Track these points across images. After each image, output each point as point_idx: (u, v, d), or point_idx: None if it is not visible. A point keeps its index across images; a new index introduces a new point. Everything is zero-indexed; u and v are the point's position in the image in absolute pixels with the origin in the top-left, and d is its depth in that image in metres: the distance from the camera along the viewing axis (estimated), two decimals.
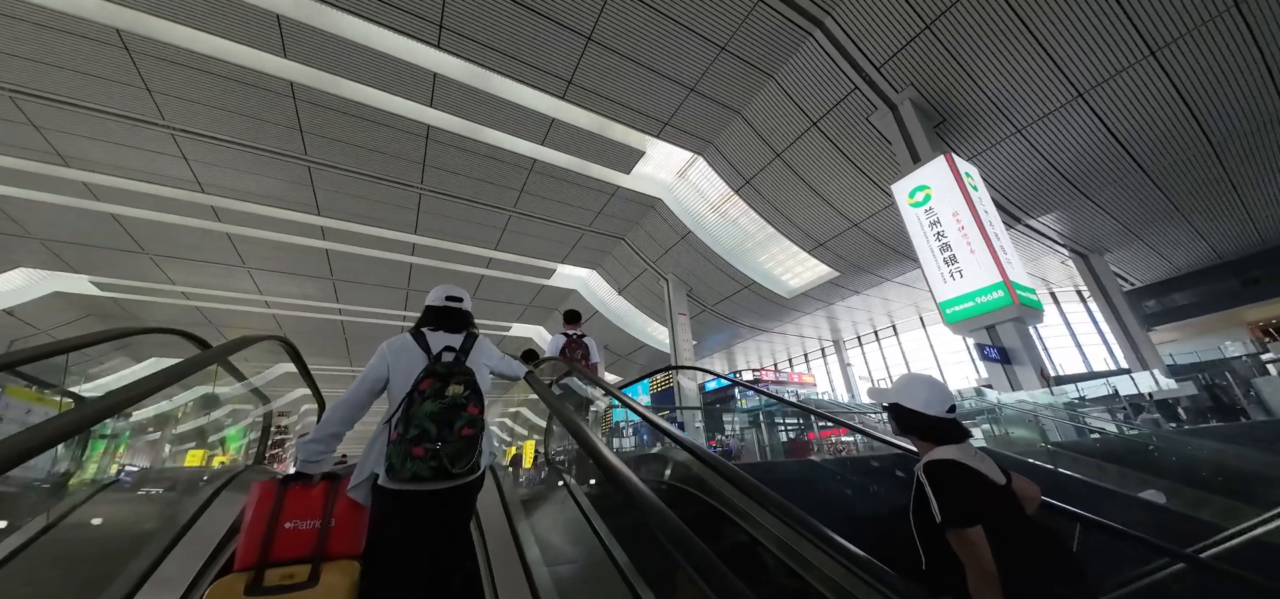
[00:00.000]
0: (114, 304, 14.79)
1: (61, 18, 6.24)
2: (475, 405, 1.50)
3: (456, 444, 1.41)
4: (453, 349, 1.60)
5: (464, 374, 1.51)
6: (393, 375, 1.54)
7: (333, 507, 1.50)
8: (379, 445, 1.48)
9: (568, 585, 1.79)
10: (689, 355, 12.44)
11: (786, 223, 10.66)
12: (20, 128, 8.01)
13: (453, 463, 1.40)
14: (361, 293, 14.54)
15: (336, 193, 9.96)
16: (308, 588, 1.34)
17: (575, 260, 13.50)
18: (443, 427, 1.40)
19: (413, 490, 1.41)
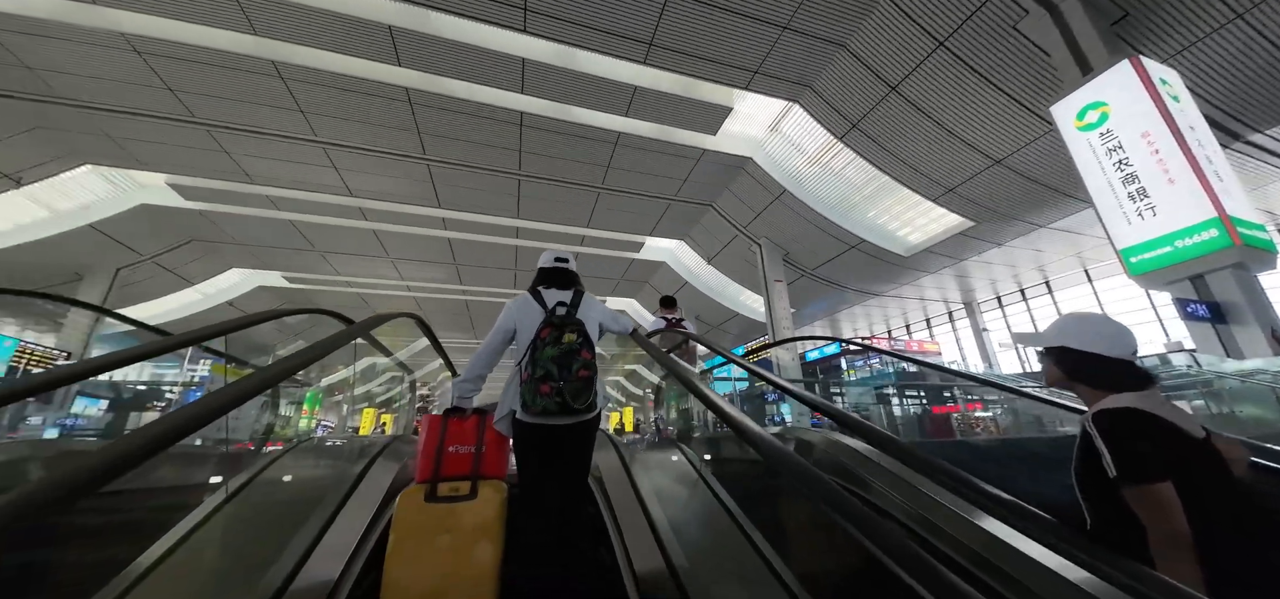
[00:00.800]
0: (301, 293, 17.85)
1: (230, 57, 7.34)
2: (588, 351, 1.67)
3: (575, 384, 1.58)
4: (564, 303, 1.78)
5: (576, 324, 1.70)
6: (519, 327, 1.78)
7: (483, 436, 1.84)
8: (514, 386, 1.72)
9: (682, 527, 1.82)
10: (786, 325, 11.63)
11: (904, 169, 9.20)
12: (218, 156, 9.75)
13: (573, 399, 1.58)
14: (478, 274, 15.84)
15: (451, 187, 10.77)
16: (469, 500, 1.63)
17: (663, 232, 13.25)
18: (563, 368, 1.58)
19: (543, 424, 1.61)
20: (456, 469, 1.75)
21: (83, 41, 7.03)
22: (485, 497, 1.68)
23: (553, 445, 1.69)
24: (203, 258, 14.54)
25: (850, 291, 14.82)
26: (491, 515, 1.65)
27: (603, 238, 13.23)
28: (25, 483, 0.54)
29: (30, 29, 6.79)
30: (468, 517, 1.62)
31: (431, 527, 1.59)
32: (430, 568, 1.52)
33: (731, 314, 16.82)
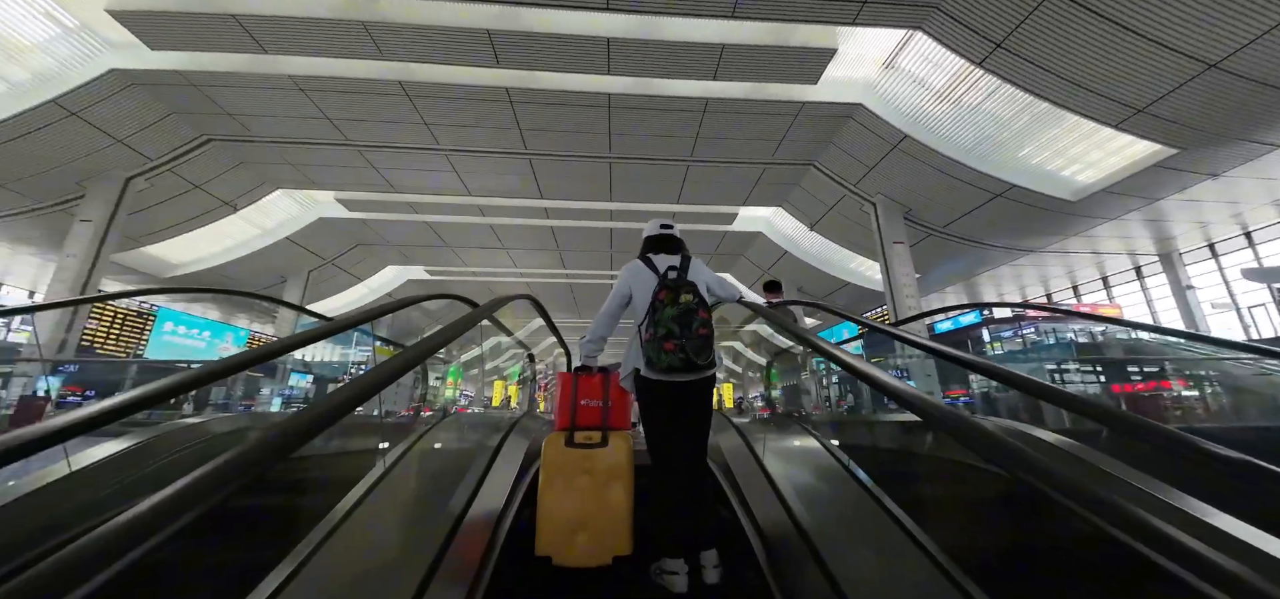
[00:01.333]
0: (439, 283, 20.35)
1: (366, 82, 8.37)
2: (704, 310, 1.72)
3: (696, 340, 1.64)
4: (675, 267, 1.85)
5: (690, 286, 1.76)
6: (634, 291, 1.88)
7: (608, 392, 2.01)
8: (636, 346, 1.81)
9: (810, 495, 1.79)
10: (909, 293, 10.21)
11: (1071, 90, 7.23)
12: (368, 172, 11.33)
13: (696, 355, 1.64)
14: (578, 257, 16.55)
15: (550, 177, 11.27)
16: (601, 447, 1.82)
17: (758, 200, 12.46)
18: (683, 327, 1.64)
19: (668, 380, 1.68)
20: (588, 420, 1.97)
21: (263, 87, 8.57)
22: (614, 445, 1.85)
23: (678, 401, 1.74)
24: (366, 259, 17.27)
25: (994, 249, 12.51)
26: (622, 461, 1.81)
27: (693, 213, 12.88)
28: (257, 434, 0.63)
29: (228, 82, 8.45)
30: (601, 461, 1.80)
31: (572, 467, 1.81)
32: (575, 501, 1.74)
33: (839, 283, 15.41)
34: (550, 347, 32.44)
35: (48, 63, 7.91)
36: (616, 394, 2.01)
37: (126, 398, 0.80)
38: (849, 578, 1.33)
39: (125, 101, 8.69)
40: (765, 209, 13.45)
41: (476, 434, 3.46)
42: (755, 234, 14.48)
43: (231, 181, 11.52)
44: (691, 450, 1.78)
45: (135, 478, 2.23)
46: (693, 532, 1.62)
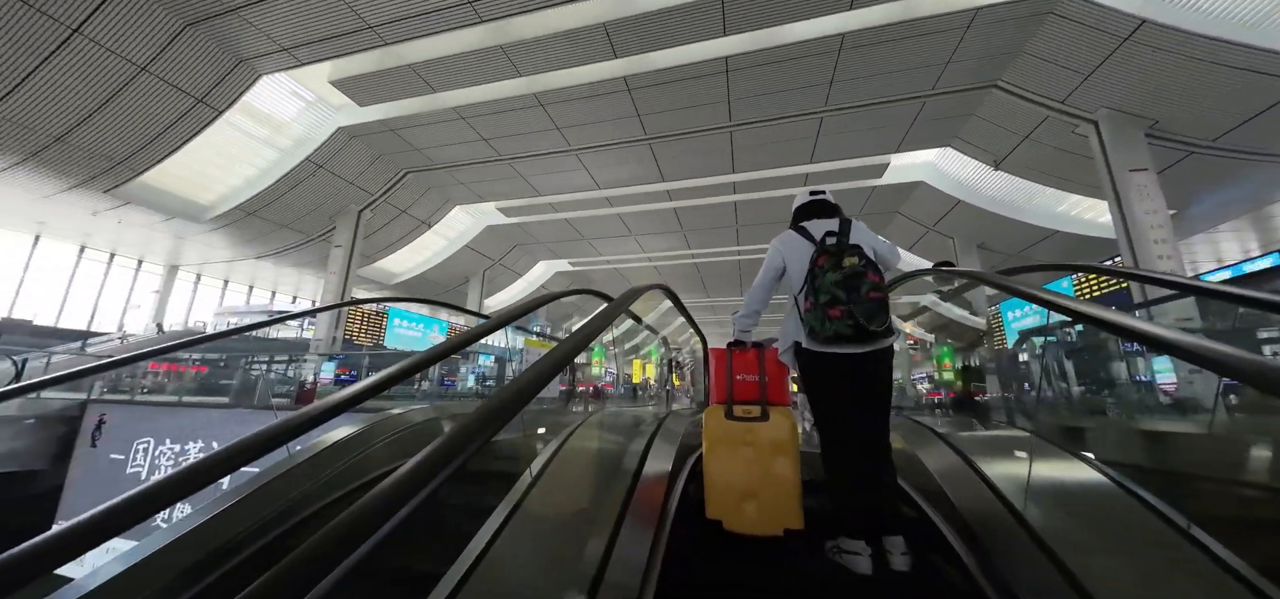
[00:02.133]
0: (581, 273, 22.10)
1: (508, 101, 9.24)
2: (873, 272, 1.50)
3: (867, 305, 1.44)
4: (833, 232, 1.64)
5: (853, 248, 1.56)
6: (787, 263, 1.73)
7: (764, 367, 1.90)
8: (794, 318, 1.67)
9: (1037, 492, 1.48)
10: (1161, 237, 7.41)
11: None
12: (517, 181, 12.66)
13: (869, 321, 1.44)
14: (703, 237, 16.19)
15: (670, 159, 11.14)
16: (762, 421, 1.72)
17: (916, 143, 10.44)
18: (850, 291, 1.46)
19: (836, 352, 1.49)
20: (745, 395, 1.88)
21: (436, 121, 10.11)
22: (776, 420, 1.76)
23: (849, 374, 1.54)
24: (523, 257, 19.60)
25: None
26: (786, 435, 1.73)
27: (831, 171, 11.44)
28: (480, 406, 0.73)
29: (412, 123, 10.18)
30: (764, 434, 1.73)
31: (734, 439, 1.76)
32: (740, 470, 1.71)
33: (1040, 234, 12.20)
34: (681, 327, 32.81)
35: (299, 130, 10.60)
36: (773, 368, 1.89)
37: (383, 376, 1.09)
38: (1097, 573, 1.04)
39: (350, 152, 11.18)
40: (926, 153, 11.24)
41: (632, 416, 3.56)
42: (913, 184, 12.18)
43: (424, 204, 14.03)
44: (872, 427, 1.56)
45: (367, 451, 2.71)
46: (875, 513, 1.45)
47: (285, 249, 14.64)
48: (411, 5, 7.17)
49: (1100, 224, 11.11)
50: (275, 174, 11.22)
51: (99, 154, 9.19)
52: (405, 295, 20.47)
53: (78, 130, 8.55)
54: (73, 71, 7.50)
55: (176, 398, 4.06)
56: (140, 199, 10.92)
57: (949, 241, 13.81)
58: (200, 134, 9.46)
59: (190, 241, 14.30)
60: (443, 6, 7.19)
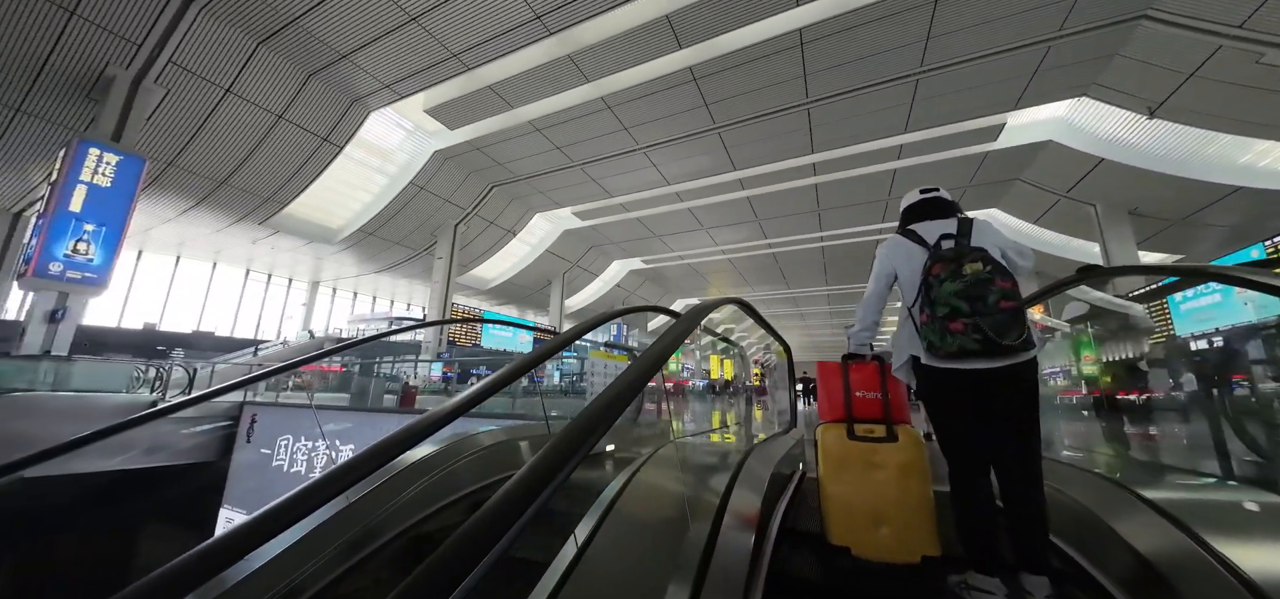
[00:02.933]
0: (654, 272, 22.03)
1: (579, 108, 9.32)
2: (1002, 278, 1.27)
3: (996, 317, 1.23)
4: (949, 235, 1.41)
5: (976, 252, 1.32)
6: (898, 271, 1.52)
7: (886, 383, 1.68)
8: (908, 330, 1.47)
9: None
10: None
11: None
12: (590, 185, 12.81)
13: (1000, 334, 1.22)
14: (780, 225, 15.17)
15: (742, 146, 10.51)
16: (889, 442, 1.54)
17: (1039, 96, 8.72)
18: (974, 302, 1.25)
19: (961, 368, 1.28)
20: (866, 412, 1.68)
21: (515, 136, 10.53)
22: (905, 440, 1.59)
23: (977, 393, 1.29)
24: (598, 258, 19.99)
25: None
26: (917, 456, 1.55)
27: (931, 140, 10.01)
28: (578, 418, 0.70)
29: (494, 140, 10.69)
30: (892, 456, 1.56)
31: (857, 459, 1.59)
32: (868, 494, 1.55)
33: (1218, 191, 9.69)
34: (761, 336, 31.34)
35: (403, 157, 11.67)
36: (894, 385, 1.67)
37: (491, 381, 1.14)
38: None
39: (445, 173, 12.09)
40: (1054, 107, 9.38)
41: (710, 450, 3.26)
42: (1039, 146, 10.20)
43: (510, 214, 14.82)
44: (1010, 454, 1.27)
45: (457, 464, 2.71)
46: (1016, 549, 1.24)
47: (398, 263, 16.35)
48: (487, 29, 7.46)
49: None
50: (386, 198, 12.50)
51: (253, 192, 10.89)
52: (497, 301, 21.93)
53: (236, 174, 10.19)
54: (229, 124, 8.92)
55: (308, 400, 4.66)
56: (286, 228, 12.80)
57: (1089, 209, 11.40)
58: (327, 169, 10.81)
59: (327, 261, 16.55)
60: (514, 26, 7.39)
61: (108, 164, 7.83)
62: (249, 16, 7.24)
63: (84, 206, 7.71)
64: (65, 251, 7.55)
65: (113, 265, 8.05)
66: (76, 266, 7.69)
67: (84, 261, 7.75)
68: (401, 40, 7.71)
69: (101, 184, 7.83)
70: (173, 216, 11.67)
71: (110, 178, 7.87)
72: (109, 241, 7.97)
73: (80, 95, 7.75)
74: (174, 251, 15.52)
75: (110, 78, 7.68)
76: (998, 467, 1.30)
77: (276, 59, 8.14)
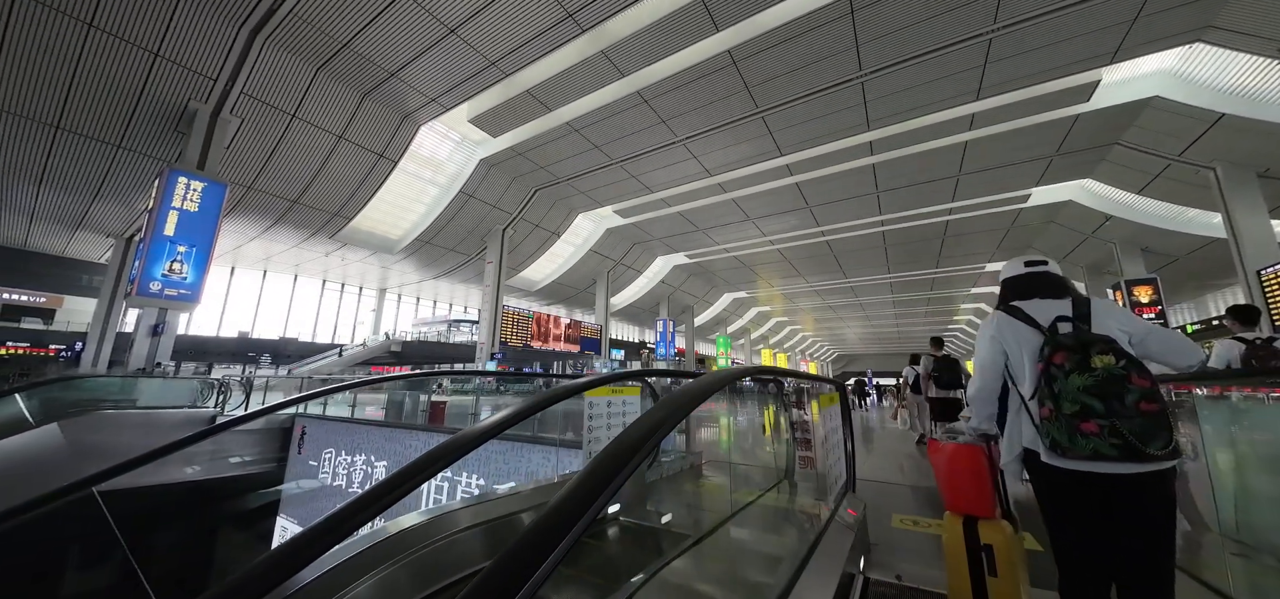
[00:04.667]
0: (697, 266, 21.52)
1: (614, 104, 9.11)
2: (1139, 375, 1.07)
3: (1138, 420, 1.04)
4: (1066, 317, 1.23)
5: (1104, 341, 1.13)
6: (1010, 354, 1.33)
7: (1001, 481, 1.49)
8: (1022, 421, 1.27)
9: None
10: None
11: None
12: (630, 183, 12.61)
13: (1144, 442, 1.02)
14: (835, 211, 14.16)
15: (788, 127, 9.83)
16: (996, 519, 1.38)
17: (1140, 45, 7.37)
18: (1109, 401, 1.06)
19: (1093, 472, 1.09)
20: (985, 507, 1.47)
21: (554, 139, 10.53)
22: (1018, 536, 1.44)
23: (1106, 500, 1.11)
24: (642, 255, 19.81)
25: None
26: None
27: (1006, 106, 8.83)
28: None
29: (535, 144, 10.76)
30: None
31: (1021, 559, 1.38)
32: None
33: None
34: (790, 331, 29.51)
35: (452, 168, 12.07)
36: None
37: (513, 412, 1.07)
38: None
39: (491, 180, 12.39)
40: (1159, 58, 7.97)
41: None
42: (1141, 103, 8.68)
43: (553, 217, 14.99)
44: (1145, 571, 1.07)
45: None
46: None
47: (453, 269, 17.10)
48: (521, 34, 7.43)
49: None
50: (438, 208, 13.03)
51: (322, 209, 11.73)
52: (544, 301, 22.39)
53: (307, 193, 11.00)
54: (297, 147, 9.60)
55: (349, 414, 4.85)
56: (353, 240, 13.72)
57: (1208, 173, 9.58)
58: (385, 183, 11.42)
59: (391, 270, 17.65)
60: (547, 27, 7.30)
61: (194, 190, 8.67)
62: (306, 44, 7.69)
63: (176, 230, 8.59)
64: (162, 271, 8.43)
65: (203, 282, 8.90)
66: (172, 285, 8.58)
67: (178, 280, 8.62)
68: (443, 53, 7.88)
69: (190, 209, 8.69)
70: (256, 235, 12.87)
71: (197, 203, 8.71)
72: (199, 261, 8.83)
73: (169, 129, 8.62)
74: (261, 266, 17.20)
75: (193, 111, 8.49)
76: (1121, 585, 1.12)
77: (333, 83, 8.62)
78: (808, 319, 35.23)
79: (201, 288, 8.79)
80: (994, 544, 1.36)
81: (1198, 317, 20.81)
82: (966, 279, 22.13)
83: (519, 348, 19.23)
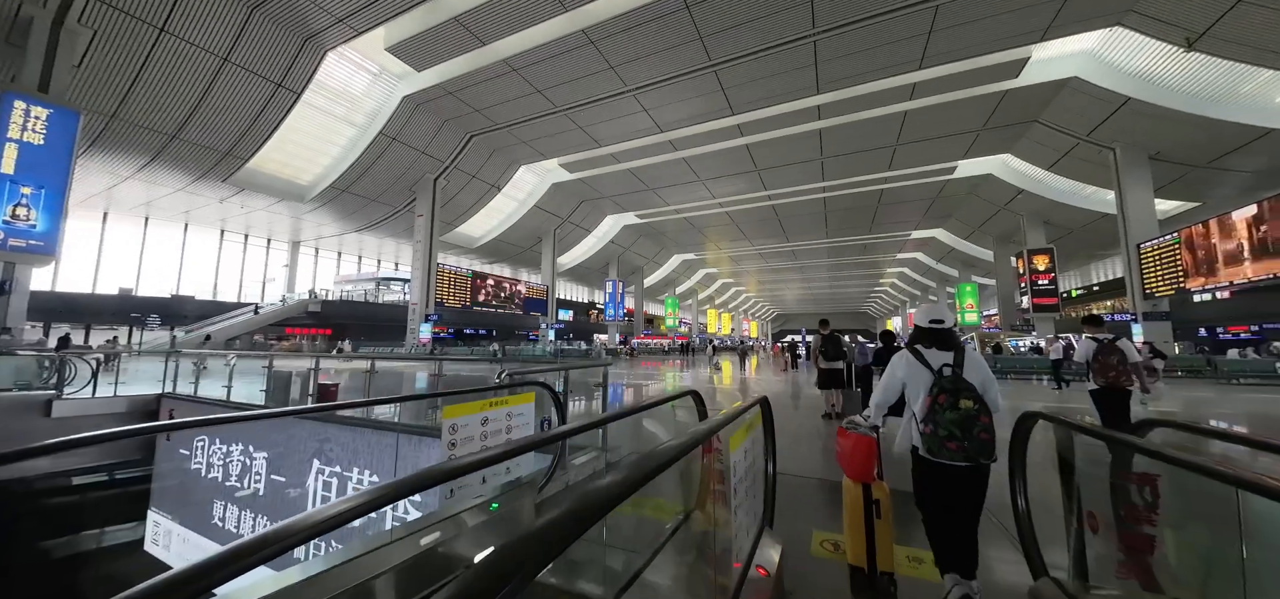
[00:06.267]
0: (648, 226, 21.37)
1: (557, 43, 8.42)
2: (986, 415, 1.73)
3: (979, 443, 1.71)
4: (949, 364, 1.83)
5: (969, 388, 1.77)
6: (907, 382, 1.93)
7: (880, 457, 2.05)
8: (913, 428, 1.88)
9: None
10: None
11: None
12: (576, 133, 11.98)
13: (980, 456, 1.73)
14: (782, 175, 14.43)
15: (740, 85, 9.66)
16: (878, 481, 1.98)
17: (1069, 25, 7.85)
18: (966, 431, 1.71)
19: (945, 465, 1.78)
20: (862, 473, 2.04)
21: (489, 78, 9.64)
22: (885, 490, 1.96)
23: (953, 482, 1.79)
24: (591, 213, 19.26)
25: None
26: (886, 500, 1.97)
27: (947, 75, 9.18)
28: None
29: (467, 83, 9.81)
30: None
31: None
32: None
33: (1249, 134, 9.04)
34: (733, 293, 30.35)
35: (370, 104, 10.80)
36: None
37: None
38: None
39: (417, 122, 11.24)
40: (1082, 39, 8.55)
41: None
42: (1061, 83, 9.37)
43: (492, 168, 14.02)
44: (967, 518, 1.80)
45: None
46: (966, 567, 1.78)
47: (378, 221, 15.69)
48: None
49: None
50: (356, 150, 11.71)
51: (208, 147, 10.12)
52: (486, 260, 21.36)
53: (188, 126, 9.39)
54: (169, 69, 8.06)
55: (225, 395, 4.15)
56: (252, 184, 12.08)
57: (1108, 154, 10.72)
58: (287, 118, 9.98)
59: (305, 221, 15.87)
60: None
61: (37, 119, 7.12)
62: None
63: (17, 168, 7.07)
64: (3, 217, 6.99)
65: (60, 230, 7.50)
66: (18, 234, 7.15)
67: (26, 228, 7.19)
68: None
69: (33, 142, 7.16)
70: (129, 175, 10.94)
71: (42, 134, 7.19)
72: (51, 204, 7.38)
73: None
74: (141, 212, 14.82)
75: (27, 18, 6.85)
76: (953, 518, 1.81)
77: None
78: (752, 281, 36.56)
79: (58, 237, 7.39)
80: (880, 499, 1.93)
81: (1081, 283, 23.92)
82: (895, 245, 23.78)
83: (458, 309, 18.28)
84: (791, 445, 3.49)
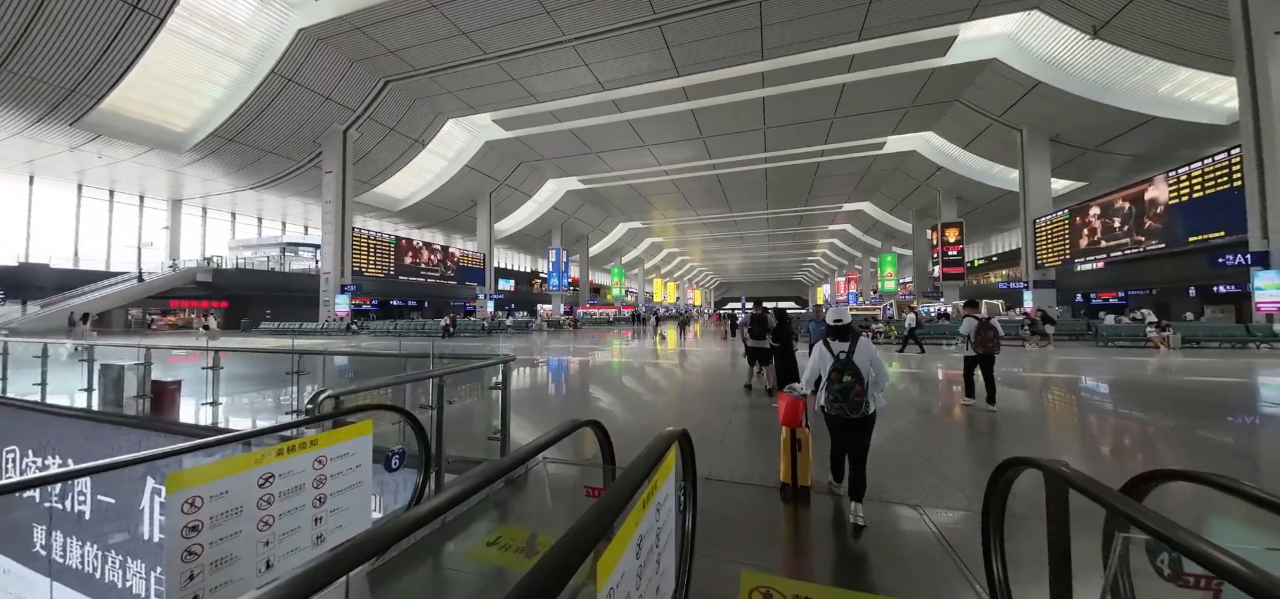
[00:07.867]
0: (592, 192, 20.76)
1: None
2: (859, 385, 2.46)
3: (851, 402, 2.46)
4: (844, 352, 2.55)
5: (853, 369, 2.48)
6: (819, 363, 2.58)
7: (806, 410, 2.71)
8: (822, 393, 2.56)
9: None
10: None
11: None
12: (510, 85, 11.10)
13: (852, 411, 2.46)
14: (726, 144, 14.45)
15: (685, 43, 9.33)
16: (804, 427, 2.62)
17: (994, 4, 8.28)
18: (844, 397, 2.47)
19: (840, 417, 2.51)
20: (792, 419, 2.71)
21: (403, 14, 8.56)
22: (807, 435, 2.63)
23: (845, 427, 2.53)
24: (530, 176, 18.29)
25: None
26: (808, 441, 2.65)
27: (882, 51, 9.42)
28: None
29: (378, 17, 8.64)
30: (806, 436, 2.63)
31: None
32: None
33: (1134, 120, 10.13)
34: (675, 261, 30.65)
35: (257, 37, 9.24)
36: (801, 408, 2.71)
37: None
38: None
39: (317, 59, 9.78)
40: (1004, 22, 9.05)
41: None
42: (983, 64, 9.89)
43: (413, 119, 12.73)
44: (856, 451, 2.47)
45: None
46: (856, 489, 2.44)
47: (280, 177, 13.86)
48: None
49: (1212, 108, 9.23)
50: (243, 92, 10.08)
51: (48, 81, 8.22)
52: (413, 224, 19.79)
53: (15, 54, 7.54)
54: None
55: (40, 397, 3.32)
56: (111, 129, 10.09)
57: (1016, 135, 11.73)
58: (148, 50, 8.32)
59: (185, 175, 13.65)
60: None
61: None
62: None
63: None
64: None
65: None
66: None
67: None
68: None
69: None
70: None
71: None
72: None
73: None
74: None
75: None
76: (847, 450, 2.51)
77: None
78: (696, 250, 37.14)
79: None
80: (803, 439, 2.58)
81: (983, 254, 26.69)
82: (827, 217, 25.04)
83: (381, 278, 16.72)
84: (721, 426, 3.29)
